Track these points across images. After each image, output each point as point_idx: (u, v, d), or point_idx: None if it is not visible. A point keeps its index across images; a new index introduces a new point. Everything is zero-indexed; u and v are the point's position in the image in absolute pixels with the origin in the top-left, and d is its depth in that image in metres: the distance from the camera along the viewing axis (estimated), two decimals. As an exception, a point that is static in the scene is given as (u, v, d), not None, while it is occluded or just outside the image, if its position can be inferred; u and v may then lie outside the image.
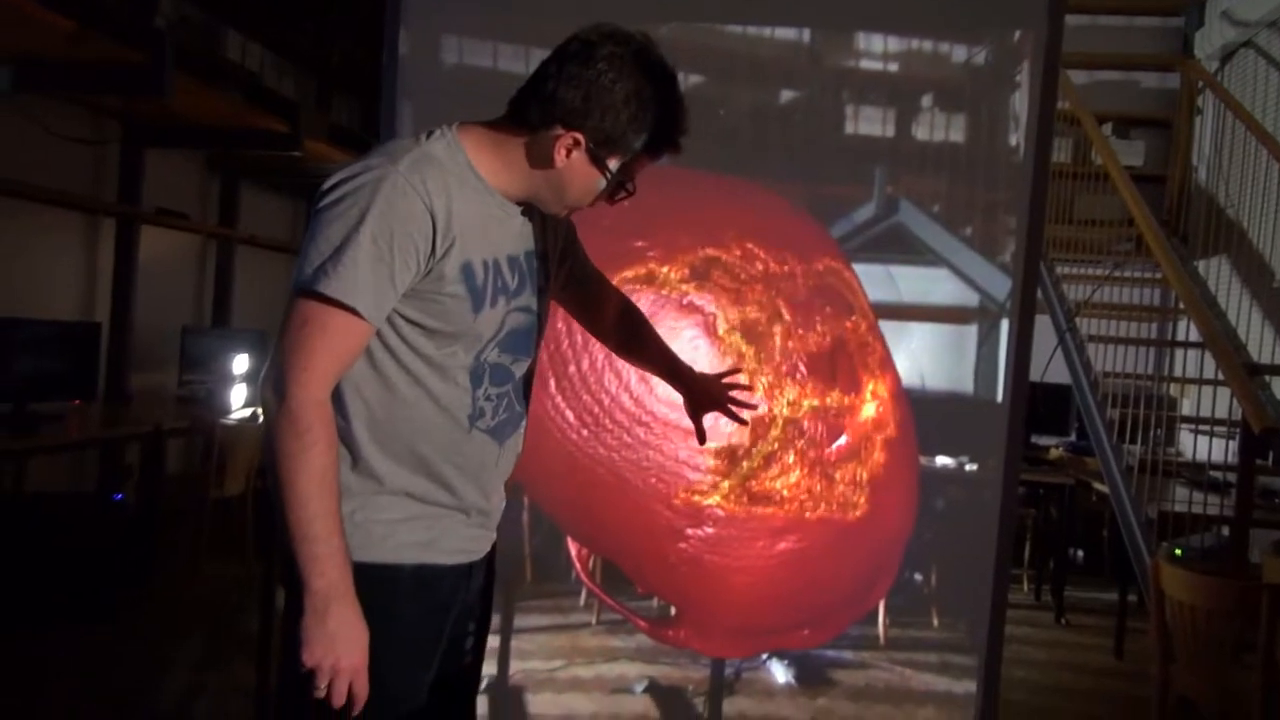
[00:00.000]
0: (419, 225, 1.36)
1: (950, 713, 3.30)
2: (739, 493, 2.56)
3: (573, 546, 2.84)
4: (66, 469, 5.16)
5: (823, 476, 2.63)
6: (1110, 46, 6.49)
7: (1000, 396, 2.57)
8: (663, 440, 2.53)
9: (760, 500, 2.56)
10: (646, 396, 2.50)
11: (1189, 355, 4.50)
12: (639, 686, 3.54)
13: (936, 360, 2.93)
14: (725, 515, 2.55)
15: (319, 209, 1.36)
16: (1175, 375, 5.00)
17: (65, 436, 4.40)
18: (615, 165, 1.44)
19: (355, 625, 1.34)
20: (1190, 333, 4.67)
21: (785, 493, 2.58)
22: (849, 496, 2.62)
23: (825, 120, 2.92)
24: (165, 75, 4.20)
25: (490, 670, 2.95)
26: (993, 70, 2.83)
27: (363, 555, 1.40)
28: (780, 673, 3.68)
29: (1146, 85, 6.80)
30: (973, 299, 2.92)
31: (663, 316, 2.51)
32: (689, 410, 1.91)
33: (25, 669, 3.53)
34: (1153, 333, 5.57)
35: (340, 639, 1.32)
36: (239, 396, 5.76)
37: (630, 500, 2.55)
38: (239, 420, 5.03)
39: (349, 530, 1.37)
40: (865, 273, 2.72)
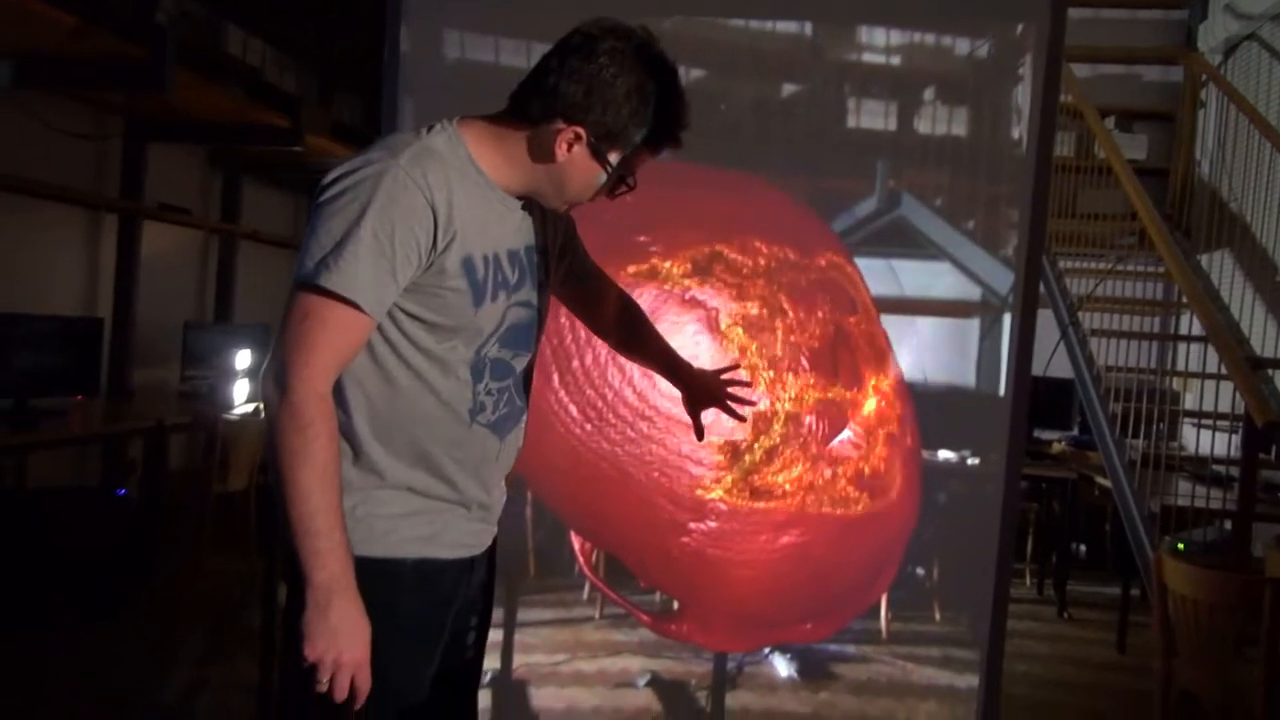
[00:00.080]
0: (420, 219, 1.36)
1: (952, 707, 3.29)
2: (741, 487, 2.56)
3: (576, 541, 2.84)
4: (69, 464, 5.17)
5: (825, 471, 2.63)
6: (1113, 40, 6.47)
7: (1002, 391, 2.56)
8: (666, 435, 2.53)
9: (763, 495, 2.56)
10: (650, 391, 2.50)
11: (1192, 349, 4.49)
12: (641, 680, 3.54)
13: (939, 354, 2.92)
14: (728, 510, 2.55)
15: (320, 203, 1.36)
16: (1178, 369, 4.98)
17: (68, 432, 4.41)
18: (616, 160, 1.45)
19: (357, 620, 1.34)
20: (1193, 327, 4.67)
21: (788, 487, 2.58)
22: (851, 491, 2.62)
23: (827, 114, 2.91)
24: (166, 71, 4.20)
25: (493, 664, 2.95)
26: (995, 64, 2.82)
27: (364, 550, 1.40)
28: (782, 667, 3.68)
29: (1149, 79, 6.78)
30: (975, 293, 2.92)
31: (665, 311, 2.51)
32: (688, 406, 1.91)
33: (27, 664, 3.54)
34: (1155, 327, 5.57)
35: (342, 633, 1.33)
36: (241, 391, 5.77)
37: (633, 495, 2.56)
38: (241, 415, 5.04)
39: (350, 525, 1.37)
40: (867, 267, 2.72)
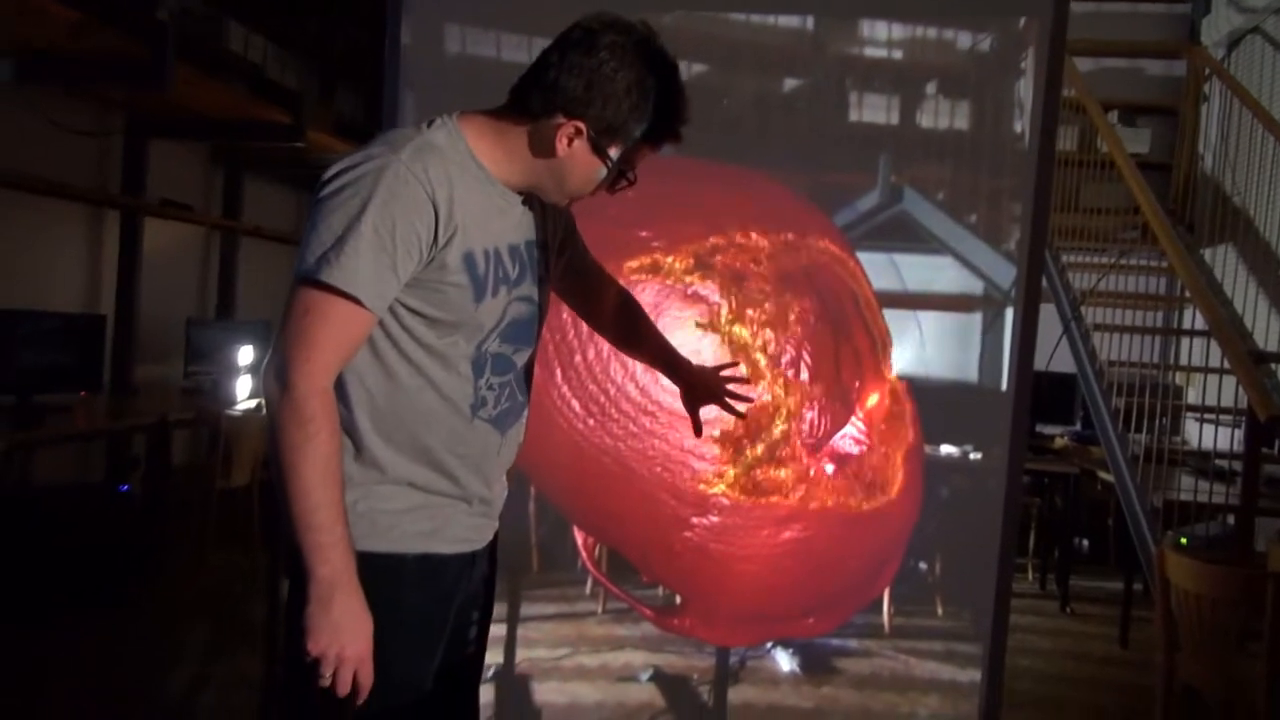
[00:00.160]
0: (421, 214, 1.35)
1: (955, 701, 3.30)
2: (744, 482, 2.56)
3: (579, 535, 2.85)
4: (72, 461, 5.18)
5: (827, 466, 2.63)
6: (1116, 33, 6.43)
7: (1005, 385, 2.56)
8: (668, 430, 2.53)
9: (765, 489, 2.57)
10: (652, 386, 2.50)
11: (1194, 343, 4.47)
12: (644, 675, 3.54)
13: (941, 349, 2.92)
14: (730, 504, 2.56)
15: (320, 198, 1.35)
16: (1181, 364, 4.97)
17: (71, 428, 4.42)
18: (616, 154, 1.44)
19: (359, 614, 1.35)
20: (1196, 321, 4.66)
21: (790, 482, 2.58)
22: (853, 486, 2.62)
23: (829, 108, 2.91)
24: (168, 67, 4.21)
25: (496, 659, 2.95)
26: (998, 57, 2.82)
27: (366, 545, 1.40)
28: (785, 661, 3.68)
29: (1152, 72, 6.76)
30: (977, 287, 2.92)
31: (667, 306, 2.51)
32: (686, 402, 1.91)
33: (31, 660, 3.55)
34: (1158, 321, 5.55)
35: (345, 628, 1.33)
36: (244, 387, 5.77)
37: (636, 489, 2.56)
38: (244, 411, 5.05)
39: (352, 520, 1.37)
40: (869, 261, 2.72)
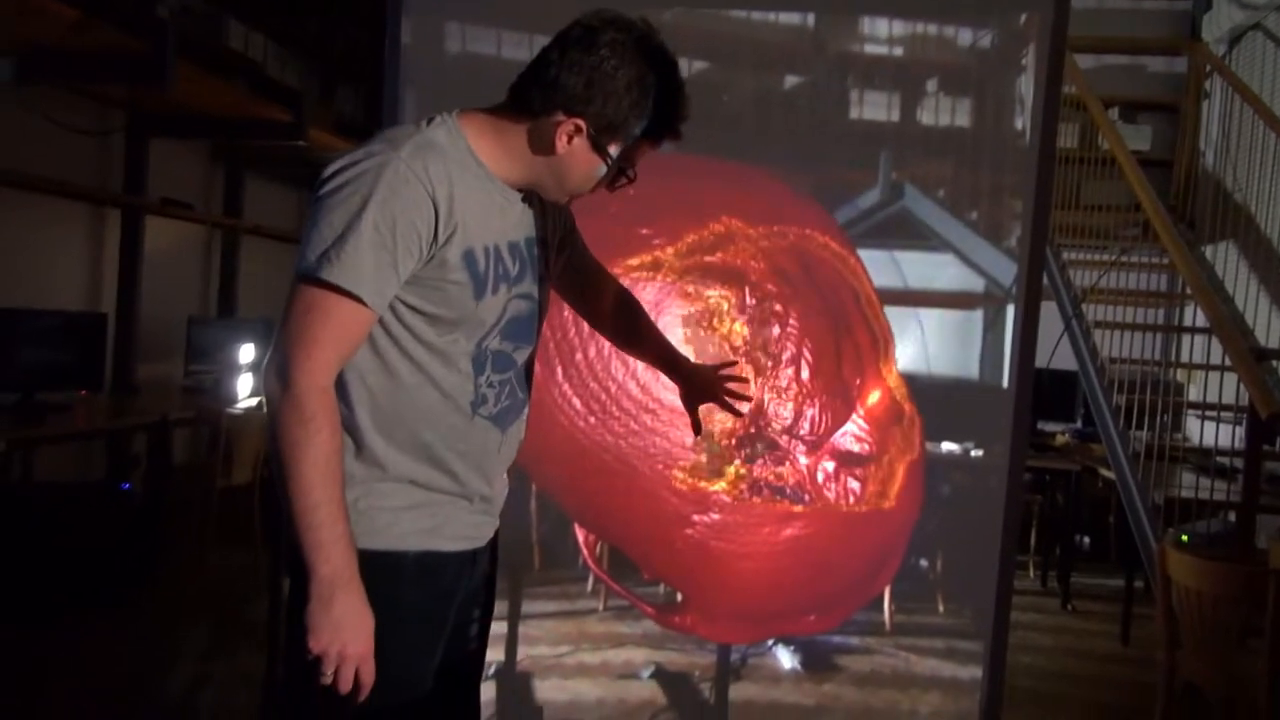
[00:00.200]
0: (421, 212, 1.35)
1: (956, 698, 3.30)
2: (745, 479, 2.56)
3: (580, 533, 2.85)
4: (73, 459, 5.18)
5: (828, 464, 2.63)
6: (1117, 30, 6.43)
7: (1006, 382, 2.56)
8: (669, 427, 2.53)
9: (766, 487, 2.57)
10: (653, 384, 2.50)
11: (1196, 340, 4.48)
12: (645, 672, 3.55)
13: (942, 346, 2.92)
14: (731, 502, 2.56)
15: (321, 195, 1.35)
16: (1182, 361, 4.97)
17: (72, 426, 4.42)
18: (616, 152, 1.44)
19: (361, 612, 1.35)
20: (1197, 318, 4.66)
21: (790, 479, 2.58)
22: (854, 483, 2.62)
23: (829, 105, 2.91)
24: (168, 66, 4.20)
25: (497, 656, 2.96)
26: (998, 54, 2.82)
27: (367, 542, 1.40)
28: (786, 658, 3.69)
29: (1153, 69, 6.75)
30: (978, 284, 2.92)
31: (667, 304, 2.51)
32: (685, 401, 1.91)
33: (32, 659, 3.55)
34: (1159, 318, 5.55)
35: (346, 626, 1.33)
36: (245, 386, 5.77)
37: (637, 487, 2.56)
38: (245, 409, 5.04)
39: (353, 518, 1.37)
40: (870, 258, 2.72)
